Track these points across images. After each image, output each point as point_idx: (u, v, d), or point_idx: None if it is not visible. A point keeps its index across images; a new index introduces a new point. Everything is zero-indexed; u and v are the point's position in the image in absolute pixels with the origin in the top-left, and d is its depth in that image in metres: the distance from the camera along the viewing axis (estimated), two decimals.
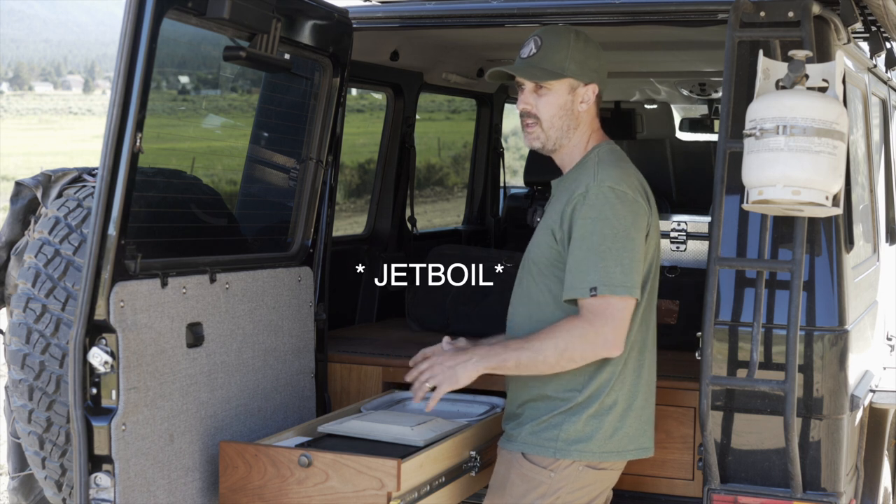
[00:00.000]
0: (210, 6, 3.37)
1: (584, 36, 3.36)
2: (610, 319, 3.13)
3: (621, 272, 3.13)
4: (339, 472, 3.19)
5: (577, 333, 3.13)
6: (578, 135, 3.36)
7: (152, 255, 3.31)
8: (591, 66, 3.34)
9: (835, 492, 3.43)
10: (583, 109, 3.34)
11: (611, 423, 3.27)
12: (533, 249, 3.37)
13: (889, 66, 5.01)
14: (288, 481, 3.24)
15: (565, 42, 3.32)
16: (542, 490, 3.27)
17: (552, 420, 3.28)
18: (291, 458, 3.24)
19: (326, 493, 3.20)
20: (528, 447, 3.31)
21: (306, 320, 4.07)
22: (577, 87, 3.33)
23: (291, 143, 4.24)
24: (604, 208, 3.17)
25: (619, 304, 3.14)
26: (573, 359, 3.15)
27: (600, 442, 3.26)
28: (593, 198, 3.18)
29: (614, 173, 3.24)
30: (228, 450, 3.34)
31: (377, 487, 3.14)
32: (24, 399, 3.40)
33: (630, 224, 3.18)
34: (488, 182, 6.94)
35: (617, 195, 3.19)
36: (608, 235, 3.14)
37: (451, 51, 5.76)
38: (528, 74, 3.31)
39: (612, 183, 3.20)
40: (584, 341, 3.13)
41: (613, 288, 3.12)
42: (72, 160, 26.94)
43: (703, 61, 6.23)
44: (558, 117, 3.33)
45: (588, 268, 3.14)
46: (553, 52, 3.31)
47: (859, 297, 3.80)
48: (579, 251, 3.16)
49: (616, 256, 3.14)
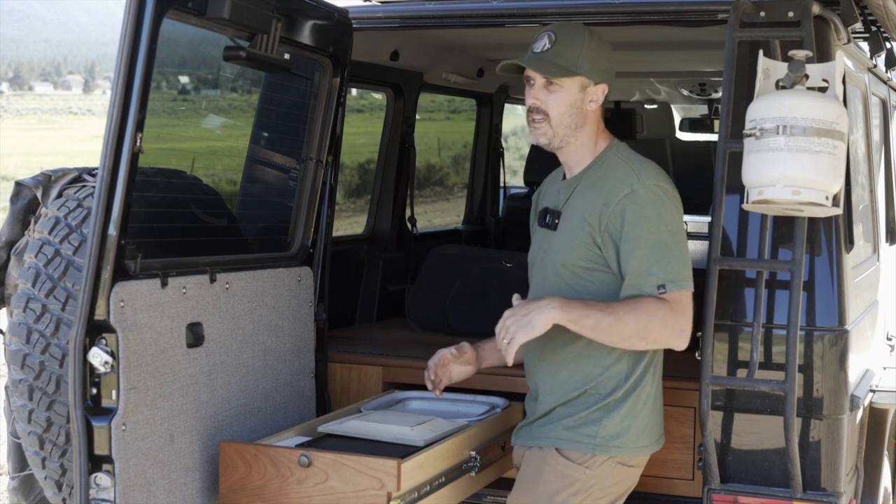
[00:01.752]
0: (210, 6, 3.37)
1: (598, 35, 3.36)
2: (686, 312, 3.18)
3: (682, 266, 3.19)
4: (339, 472, 3.18)
5: (660, 317, 3.14)
6: (585, 133, 3.37)
7: (152, 255, 3.31)
8: (602, 65, 3.34)
9: (835, 492, 3.42)
10: (591, 108, 3.35)
11: (643, 418, 3.30)
12: (562, 252, 3.32)
13: (889, 66, 5.01)
14: (288, 481, 3.24)
15: (580, 40, 3.31)
16: (577, 486, 3.25)
17: (591, 416, 3.27)
18: (291, 458, 3.24)
19: (326, 493, 3.19)
20: (565, 443, 3.29)
21: (306, 320, 4.07)
22: (587, 85, 3.33)
23: (291, 143, 4.24)
24: (656, 205, 3.21)
25: (687, 297, 3.19)
26: (647, 339, 3.16)
27: (634, 437, 3.28)
28: (644, 196, 3.21)
29: (654, 170, 3.28)
30: (228, 450, 3.34)
31: (377, 487, 3.14)
32: (24, 399, 3.40)
33: (679, 219, 3.27)
34: (488, 182, 6.94)
35: (664, 192, 3.24)
36: (664, 232, 3.19)
37: (451, 51, 5.76)
38: (541, 69, 3.29)
39: (656, 181, 3.25)
40: (664, 325, 3.15)
41: (680, 283, 3.17)
42: (72, 160, 26.93)
43: (703, 61, 6.23)
44: (567, 115, 3.32)
45: (650, 266, 3.17)
46: (567, 49, 3.30)
47: (859, 297, 3.80)
48: (639, 250, 3.19)
49: (676, 252, 3.19)
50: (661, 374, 3.39)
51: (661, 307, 3.15)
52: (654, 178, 3.26)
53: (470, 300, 5.02)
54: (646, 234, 3.19)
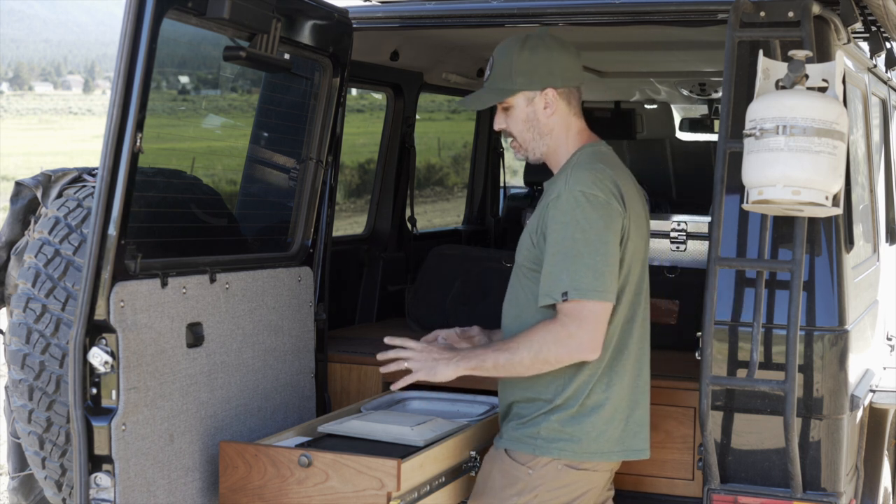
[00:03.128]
0: (210, 6, 3.37)
1: (532, 42, 3.32)
2: (584, 323, 3.13)
3: (593, 276, 3.12)
4: (339, 472, 3.19)
5: (552, 337, 3.14)
6: (556, 140, 3.36)
7: (152, 255, 3.31)
8: (541, 72, 3.31)
9: (835, 492, 3.43)
10: (549, 115, 3.33)
11: (594, 425, 3.27)
12: (518, 252, 3.39)
13: (889, 66, 5.01)
14: (288, 481, 3.25)
15: (509, 57, 3.32)
16: (520, 486, 3.28)
17: (535, 419, 3.30)
18: (291, 458, 3.25)
19: (326, 493, 3.20)
20: (511, 443, 3.34)
21: (306, 320, 4.07)
22: (532, 97, 3.32)
23: (291, 143, 4.24)
24: (574, 212, 3.16)
25: (593, 307, 3.13)
26: (548, 361, 3.17)
27: (583, 443, 3.26)
28: (564, 202, 3.18)
29: (586, 177, 3.21)
30: (228, 450, 3.34)
31: (377, 487, 3.14)
32: (24, 399, 3.40)
33: (602, 227, 3.16)
34: (488, 182, 6.93)
35: (587, 198, 3.16)
36: (579, 240, 3.14)
37: (451, 51, 5.76)
38: (476, 103, 3.38)
39: (582, 187, 3.18)
40: (558, 344, 3.14)
41: (585, 292, 3.12)
42: (72, 160, 26.94)
43: (703, 61, 6.23)
44: (526, 130, 3.35)
45: (560, 273, 3.15)
46: (501, 70, 3.33)
47: (859, 297, 3.80)
48: (551, 256, 3.18)
49: (587, 261, 3.13)
50: (630, 383, 3.31)
51: (551, 327, 3.15)
52: (582, 184, 3.18)
53: (470, 300, 5.02)
54: (559, 240, 3.16)
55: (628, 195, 3.27)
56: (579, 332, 3.13)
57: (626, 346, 3.31)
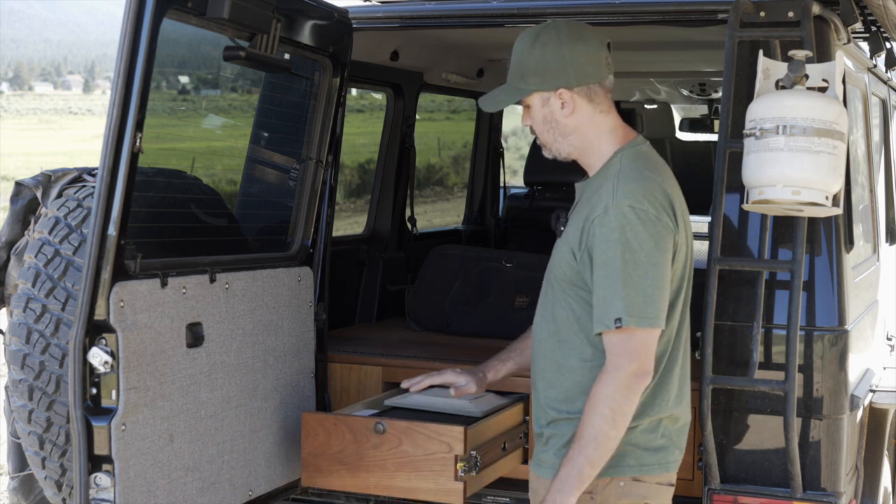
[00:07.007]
0: (210, 6, 3.37)
1: (545, 37, 3.10)
2: (634, 355, 2.94)
3: (643, 302, 2.92)
4: (411, 438, 3.51)
5: (611, 390, 2.93)
6: (583, 140, 3.14)
7: (152, 255, 3.31)
8: (553, 71, 3.08)
9: (835, 492, 3.43)
10: (567, 115, 3.10)
11: (642, 437, 3.06)
12: (555, 265, 3.15)
13: (889, 66, 5.01)
14: (364, 446, 3.56)
15: (521, 54, 3.13)
16: None
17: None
18: (368, 425, 3.56)
19: (400, 457, 3.52)
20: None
21: (306, 320, 4.07)
22: (547, 97, 3.11)
23: (291, 143, 4.24)
24: (623, 230, 2.93)
25: (642, 336, 2.94)
26: (624, 412, 2.95)
27: (636, 456, 3.06)
28: (612, 219, 2.94)
29: (635, 188, 2.97)
30: (310, 419, 3.65)
31: (446, 451, 3.46)
32: (24, 399, 3.40)
33: (653, 248, 2.94)
34: (488, 182, 6.93)
35: (637, 214, 2.94)
36: (629, 261, 2.92)
37: (451, 51, 5.76)
38: (492, 104, 3.20)
39: (631, 201, 2.94)
40: (620, 391, 2.93)
41: (638, 320, 2.93)
42: (72, 160, 26.90)
43: (703, 61, 6.23)
44: (546, 130, 3.15)
45: (611, 298, 2.94)
46: (515, 68, 3.14)
47: (859, 297, 3.80)
48: (601, 279, 2.96)
49: (638, 284, 2.92)
50: (674, 392, 3.11)
51: (605, 380, 2.94)
52: (631, 197, 2.95)
53: (470, 300, 5.02)
54: (609, 261, 2.94)
55: (678, 203, 3.05)
56: (632, 366, 2.94)
57: (672, 357, 3.10)
